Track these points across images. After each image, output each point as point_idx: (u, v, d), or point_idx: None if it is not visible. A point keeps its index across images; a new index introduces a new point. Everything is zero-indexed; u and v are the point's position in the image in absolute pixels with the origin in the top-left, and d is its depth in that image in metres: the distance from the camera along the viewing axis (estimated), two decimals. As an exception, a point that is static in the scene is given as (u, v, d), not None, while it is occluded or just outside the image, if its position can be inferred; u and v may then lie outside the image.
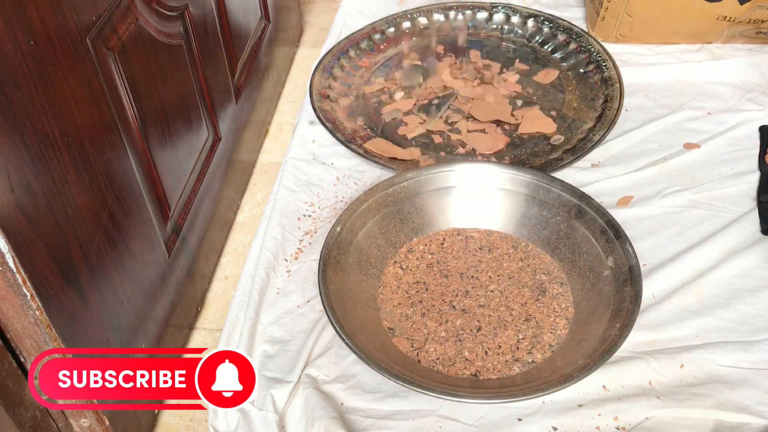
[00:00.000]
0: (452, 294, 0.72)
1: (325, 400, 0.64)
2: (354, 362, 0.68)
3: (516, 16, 1.14)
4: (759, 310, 0.69)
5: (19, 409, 0.51)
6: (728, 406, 0.61)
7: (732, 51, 1.05)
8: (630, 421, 0.61)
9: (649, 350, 0.67)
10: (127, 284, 0.60)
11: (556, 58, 1.07)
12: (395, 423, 0.63)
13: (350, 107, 1.01)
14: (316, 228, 0.84)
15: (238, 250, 0.87)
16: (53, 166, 0.48)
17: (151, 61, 0.63)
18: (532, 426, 0.62)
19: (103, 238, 0.55)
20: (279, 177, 0.91)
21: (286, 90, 1.14)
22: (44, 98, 0.46)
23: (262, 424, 0.64)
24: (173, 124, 0.69)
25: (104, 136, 0.55)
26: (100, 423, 0.57)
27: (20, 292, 0.46)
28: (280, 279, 0.78)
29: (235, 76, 0.91)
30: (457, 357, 0.67)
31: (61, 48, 0.48)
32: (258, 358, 0.70)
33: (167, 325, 0.69)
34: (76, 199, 0.51)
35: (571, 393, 0.63)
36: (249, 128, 0.96)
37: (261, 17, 1.03)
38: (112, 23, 0.56)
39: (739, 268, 0.73)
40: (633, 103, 0.98)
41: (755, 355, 0.65)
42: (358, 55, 1.10)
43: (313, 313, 0.74)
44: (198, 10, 0.75)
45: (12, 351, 0.50)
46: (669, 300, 0.71)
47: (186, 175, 0.74)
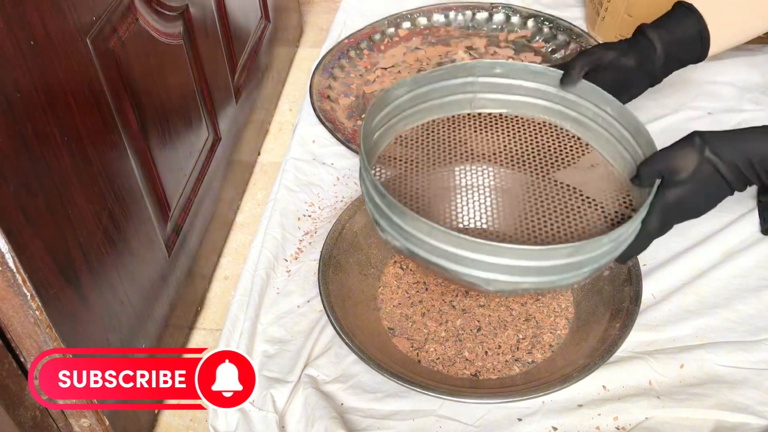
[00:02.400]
0: (452, 294, 0.72)
1: (325, 400, 0.64)
2: (354, 362, 0.68)
3: (516, 16, 1.14)
4: (759, 310, 0.69)
5: (19, 409, 0.51)
6: (728, 406, 0.61)
7: (732, 51, 1.05)
8: (630, 421, 0.61)
9: (649, 350, 0.67)
10: (127, 284, 0.60)
11: (557, 58, 1.07)
12: (395, 423, 0.63)
13: (350, 107, 1.01)
14: (316, 228, 0.84)
15: (238, 250, 0.87)
16: (53, 166, 0.48)
17: (151, 61, 0.63)
18: (532, 426, 0.62)
19: (103, 238, 0.55)
20: (279, 177, 0.91)
21: (286, 90, 1.14)
22: (44, 98, 0.46)
23: (262, 424, 0.64)
24: (173, 124, 0.69)
25: (104, 136, 0.55)
26: (100, 423, 0.57)
27: (20, 292, 0.46)
28: (280, 279, 0.78)
29: (235, 76, 0.91)
30: (457, 357, 0.67)
31: (61, 48, 0.48)
32: (258, 358, 0.70)
33: (167, 325, 0.69)
34: (76, 199, 0.51)
35: (571, 393, 0.63)
36: (249, 128, 0.96)
37: (261, 17, 1.03)
38: (112, 23, 0.56)
39: (739, 268, 0.73)
40: (633, 103, 0.98)
41: (755, 355, 0.65)
42: (358, 55, 1.10)
43: (313, 313, 0.74)
44: (198, 10, 0.75)
45: (12, 351, 0.50)
46: (669, 300, 0.71)
47: (186, 175, 0.74)
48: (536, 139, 0.71)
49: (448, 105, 0.72)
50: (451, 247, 0.54)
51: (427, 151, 0.69)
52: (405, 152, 0.68)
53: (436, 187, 0.66)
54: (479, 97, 0.72)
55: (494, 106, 0.73)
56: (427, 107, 0.71)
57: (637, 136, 0.65)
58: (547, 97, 0.72)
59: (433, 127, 0.71)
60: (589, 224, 0.63)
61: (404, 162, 0.68)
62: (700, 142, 0.57)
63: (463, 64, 0.70)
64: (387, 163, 0.67)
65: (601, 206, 0.64)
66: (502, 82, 0.72)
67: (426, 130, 0.71)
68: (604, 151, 0.70)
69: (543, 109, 0.73)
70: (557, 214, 0.64)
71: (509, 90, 0.72)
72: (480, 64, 0.70)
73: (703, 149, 0.57)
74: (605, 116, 0.68)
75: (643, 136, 0.64)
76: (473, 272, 0.54)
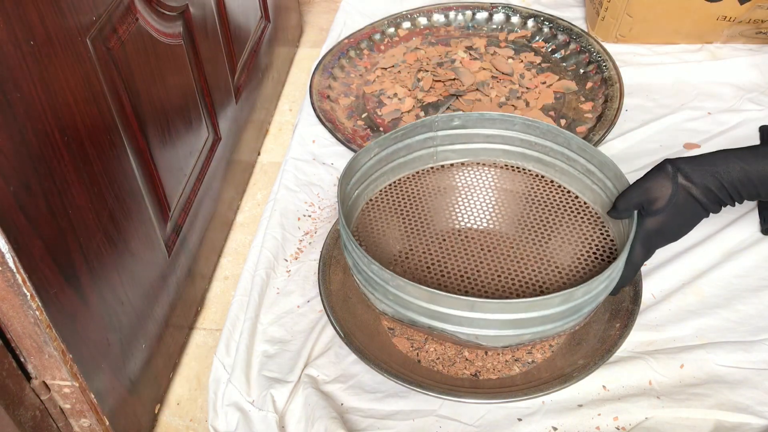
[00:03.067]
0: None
1: (325, 400, 0.64)
2: (354, 362, 0.68)
3: (516, 16, 1.14)
4: (759, 310, 0.69)
5: (19, 409, 0.51)
6: (728, 406, 0.61)
7: (732, 51, 1.05)
8: (630, 421, 0.61)
9: (649, 350, 0.67)
10: (127, 284, 0.60)
11: (557, 58, 1.07)
12: (395, 423, 0.63)
13: (350, 107, 1.01)
14: (316, 228, 0.84)
15: (238, 250, 0.87)
16: (53, 166, 0.48)
17: (151, 61, 0.63)
18: (532, 426, 0.62)
19: (103, 238, 0.55)
20: (279, 177, 0.91)
21: (286, 90, 1.14)
22: (44, 98, 0.46)
23: (262, 424, 0.64)
24: (173, 124, 0.69)
25: (104, 136, 0.55)
26: (100, 423, 0.57)
27: (20, 292, 0.46)
28: (280, 279, 0.78)
29: (235, 76, 0.91)
30: (457, 357, 0.67)
31: (61, 48, 0.48)
32: (258, 358, 0.70)
33: (167, 325, 0.69)
34: (76, 199, 0.51)
35: (571, 393, 0.64)
36: (249, 128, 0.96)
37: (261, 17, 1.03)
38: (112, 23, 0.56)
39: (739, 268, 0.73)
40: (633, 103, 0.98)
41: (755, 355, 0.65)
42: (358, 55, 1.10)
43: (313, 313, 0.74)
44: (198, 10, 0.75)
45: (12, 351, 0.50)
46: (669, 300, 0.71)
47: (186, 175, 0.74)
48: (500, 183, 0.74)
49: (412, 162, 0.74)
50: (453, 311, 0.55)
51: (398, 213, 0.71)
52: (378, 216, 0.71)
53: (416, 249, 0.68)
54: (440, 150, 0.74)
55: (456, 156, 0.75)
56: (394, 167, 0.73)
57: (603, 169, 0.67)
58: (507, 141, 0.74)
59: (400, 186, 0.74)
60: (575, 261, 0.65)
61: (379, 226, 0.70)
62: (672, 170, 0.58)
63: (422, 121, 0.72)
64: (363, 230, 0.70)
65: (581, 240, 0.67)
66: (461, 133, 0.74)
67: (393, 191, 0.73)
68: (571, 186, 0.71)
69: (503, 153, 0.75)
70: (541, 258, 0.66)
71: (469, 139, 0.74)
72: (438, 119, 0.72)
73: (675, 177, 0.58)
74: (568, 153, 0.70)
75: (609, 168, 0.66)
76: (478, 331, 0.56)
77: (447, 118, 0.72)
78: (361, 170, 0.69)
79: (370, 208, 0.72)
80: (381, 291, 0.58)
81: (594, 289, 0.56)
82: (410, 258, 0.67)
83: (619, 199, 0.62)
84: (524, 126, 0.72)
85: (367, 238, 0.69)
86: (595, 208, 0.69)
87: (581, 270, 0.64)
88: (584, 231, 0.67)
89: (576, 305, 0.56)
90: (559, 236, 0.67)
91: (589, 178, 0.69)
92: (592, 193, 0.69)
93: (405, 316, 0.58)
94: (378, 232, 0.69)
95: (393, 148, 0.71)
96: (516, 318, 0.55)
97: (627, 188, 0.62)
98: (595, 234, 0.67)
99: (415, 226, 0.70)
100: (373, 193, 0.73)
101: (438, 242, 0.68)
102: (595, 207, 0.69)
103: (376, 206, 0.72)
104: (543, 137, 0.71)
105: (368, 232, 0.69)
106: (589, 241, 0.66)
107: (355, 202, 0.70)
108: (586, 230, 0.67)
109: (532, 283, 0.63)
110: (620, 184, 0.64)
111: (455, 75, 1.01)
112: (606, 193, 0.67)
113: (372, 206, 0.72)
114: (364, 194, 0.72)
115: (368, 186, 0.71)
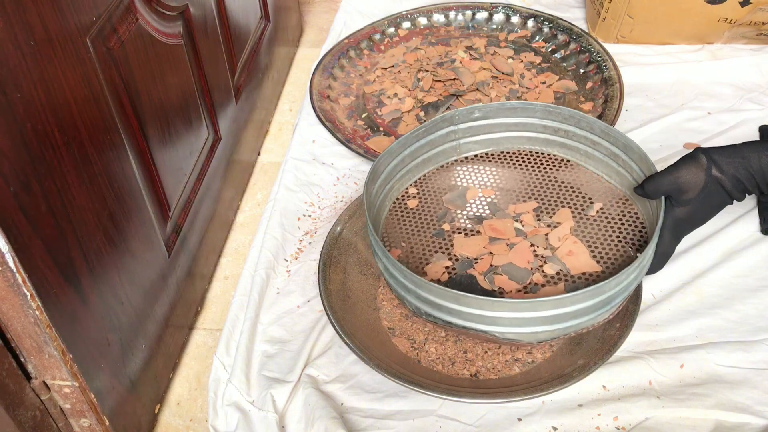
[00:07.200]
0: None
1: (325, 400, 0.64)
2: (354, 362, 0.68)
3: (516, 16, 1.14)
4: (759, 310, 0.69)
5: (19, 409, 0.51)
6: (728, 406, 0.61)
7: (732, 51, 1.05)
8: (630, 421, 0.61)
9: (649, 350, 0.67)
10: (127, 284, 0.60)
11: (557, 58, 1.07)
12: (395, 423, 0.63)
13: (350, 107, 1.01)
14: (316, 228, 0.84)
15: (238, 250, 0.87)
16: (53, 166, 0.48)
17: (151, 61, 0.63)
18: (532, 426, 0.62)
19: (103, 238, 0.55)
20: (279, 177, 0.91)
21: (286, 90, 1.14)
22: (44, 98, 0.46)
23: (262, 424, 0.64)
24: (173, 124, 0.69)
25: (104, 136, 0.55)
26: (100, 423, 0.57)
27: (20, 292, 0.46)
28: (280, 279, 0.78)
29: (235, 76, 0.91)
30: (457, 357, 0.67)
31: (61, 48, 0.48)
32: (258, 358, 0.70)
33: (167, 325, 0.69)
34: (76, 199, 0.51)
35: (571, 393, 0.63)
36: (249, 128, 0.96)
37: (261, 17, 1.03)
38: (112, 23, 0.56)
39: (739, 268, 0.73)
40: (633, 103, 0.98)
41: (755, 355, 0.65)
42: (358, 55, 1.10)
43: (313, 313, 0.74)
44: (198, 10, 0.75)
45: (12, 351, 0.50)
46: (669, 300, 0.71)
47: (186, 175, 0.74)
48: (526, 168, 0.73)
49: (435, 157, 0.74)
50: (489, 312, 0.55)
51: (427, 209, 0.71)
52: (407, 215, 0.71)
53: (445, 245, 0.68)
54: (463, 142, 0.75)
55: (479, 147, 0.75)
56: (418, 163, 0.73)
57: (627, 152, 0.66)
58: (529, 129, 0.73)
59: (425, 182, 0.74)
60: (608, 247, 0.65)
61: (409, 226, 0.70)
62: (706, 162, 0.59)
63: (443, 116, 0.72)
64: (392, 231, 0.70)
65: (611, 224, 0.66)
66: (482, 124, 0.74)
67: (419, 187, 0.73)
68: (597, 169, 0.71)
69: (527, 140, 0.74)
70: (575, 243, 0.65)
71: (491, 129, 0.74)
72: (459, 112, 0.72)
73: (710, 169, 0.59)
74: (592, 137, 0.70)
75: (634, 151, 0.66)
76: (515, 330, 0.56)
77: (467, 110, 0.72)
78: (384, 173, 0.69)
79: (397, 207, 0.72)
80: (413, 295, 0.59)
81: (626, 278, 0.57)
82: (444, 252, 0.67)
83: (648, 183, 0.62)
84: (545, 112, 0.71)
85: (396, 240, 0.69)
86: (622, 189, 0.69)
87: (613, 256, 0.64)
88: (613, 214, 0.67)
89: (609, 296, 0.56)
90: (589, 221, 0.67)
91: (615, 161, 0.68)
92: (618, 176, 0.69)
93: (439, 319, 0.59)
94: (408, 231, 0.69)
95: (416, 145, 0.71)
96: (546, 315, 0.55)
97: (658, 173, 0.61)
98: (625, 217, 0.67)
99: (442, 221, 0.69)
100: (399, 192, 0.73)
101: (466, 234, 0.68)
102: (622, 188, 0.69)
103: (403, 206, 0.72)
104: (565, 122, 0.71)
105: (398, 232, 0.69)
106: (618, 225, 0.66)
107: (381, 205, 0.70)
108: (615, 213, 0.67)
109: (564, 272, 0.63)
110: (646, 167, 0.64)
111: (455, 75, 1.01)
112: (632, 174, 0.66)
113: (399, 206, 0.72)
114: (390, 195, 0.72)
115: (393, 186, 0.71)
